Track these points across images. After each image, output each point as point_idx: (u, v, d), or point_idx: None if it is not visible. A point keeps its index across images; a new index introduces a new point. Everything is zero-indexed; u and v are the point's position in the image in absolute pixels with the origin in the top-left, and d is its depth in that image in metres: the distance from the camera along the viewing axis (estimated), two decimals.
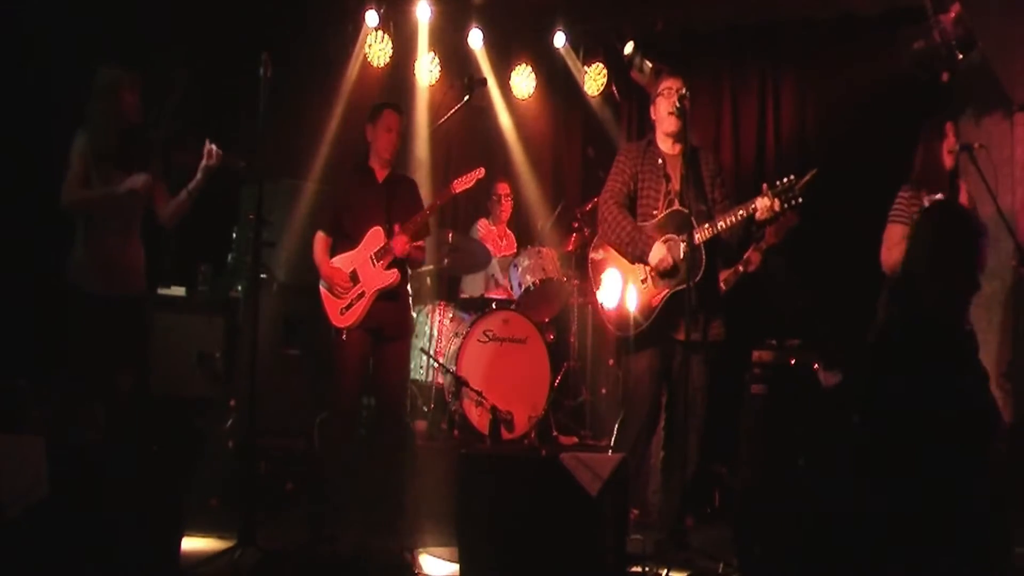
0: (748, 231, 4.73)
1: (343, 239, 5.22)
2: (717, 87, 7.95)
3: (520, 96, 8.44)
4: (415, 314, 6.65)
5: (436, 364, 6.48)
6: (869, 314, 5.56)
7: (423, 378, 6.61)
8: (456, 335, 6.55)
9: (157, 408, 5.75)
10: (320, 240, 5.24)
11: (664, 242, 4.73)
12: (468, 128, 8.11)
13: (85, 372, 4.64)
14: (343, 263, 5.17)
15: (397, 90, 7.70)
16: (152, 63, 4.77)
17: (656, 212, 4.81)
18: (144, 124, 4.62)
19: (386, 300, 5.15)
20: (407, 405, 5.79)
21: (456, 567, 4.29)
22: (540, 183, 8.41)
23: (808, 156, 7.49)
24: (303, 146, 7.06)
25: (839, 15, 7.27)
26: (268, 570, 4.20)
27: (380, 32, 7.67)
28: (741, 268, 5.95)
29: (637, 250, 4.73)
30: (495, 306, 6.74)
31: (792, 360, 6.27)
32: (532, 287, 6.75)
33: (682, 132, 4.73)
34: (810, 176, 4.52)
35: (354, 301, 5.13)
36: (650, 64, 7.65)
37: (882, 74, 6.94)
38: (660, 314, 4.74)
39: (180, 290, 6.27)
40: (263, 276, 5.92)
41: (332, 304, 5.16)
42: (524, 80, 8.41)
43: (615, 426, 5.18)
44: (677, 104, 4.68)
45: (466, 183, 5.30)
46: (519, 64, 8.39)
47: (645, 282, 4.78)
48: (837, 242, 6.70)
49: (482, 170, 5.39)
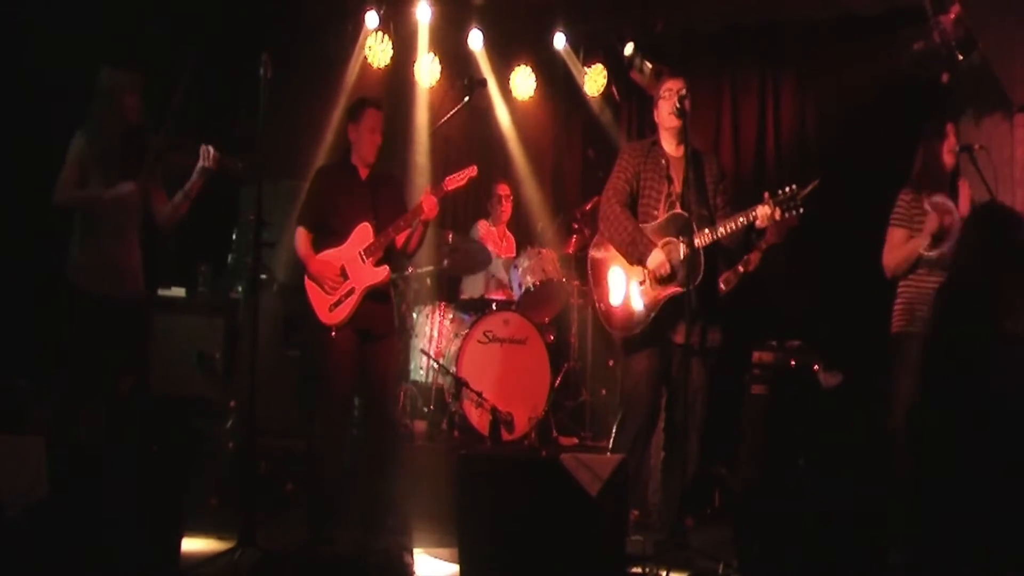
0: (748, 237, 4.73)
1: (327, 235, 5.11)
2: (717, 87, 7.95)
3: (520, 97, 8.44)
4: (415, 315, 6.66)
5: (436, 365, 6.48)
6: (869, 315, 5.57)
7: (423, 379, 6.61)
8: (456, 336, 6.54)
9: (157, 408, 5.76)
10: (302, 235, 5.11)
11: (663, 246, 4.73)
12: (468, 129, 8.12)
13: (85, 373, 4.64)
14: (331, 259, 5.07)
15: (397, 91, 7.70)
16: (152, 63, 4.75)
17: (657, 213, 4.81)
18: (143, 127, 4.61)
19: (374, 298, 5.10)
20: (396, 403, 5.75)
21: (456, 567, 4.29)
22: (540, 184, 8.41)
23: (808, 157, 7.50)
24: (303, 147, 7.06)
25: (839, 15, 7.27)
26: (268, 570, 4.20)
27: (380, 33, 7.67)
28: (741, 268, 5.95)
29: (637, 252, 4.74)
30: (495, 307, 6.74)
31: (792, 361, 6.27)
32: (532, 288, 6.75)
33: (684, 133, 4.73)
34: (812, 186, 4.51)
35: (343, 298, 5.03)
36: (650, 65, 7.65)
37: (882, 74, 6.95)
38: (658, 316, 4.74)
39: (180, 291, 6.27)
40: (263, 277, 5.90)
41: (320, 300, 5.06)
42: (524, 81, 8.41)
43: (614, 427, 5.18)
44: (678, 105, 4.68)
45: (458, 181, 5.22)
46: (519, 65, 8.39)
47: (643, 284, 4.78)
48: (837, 243, 6.70)
49: (474, 168, 5.30)
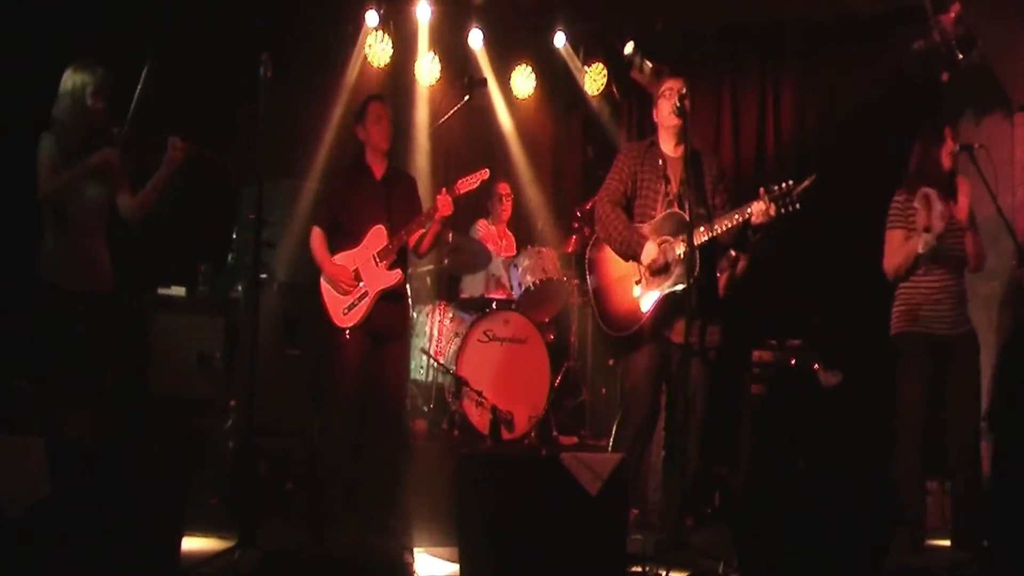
0: (743, 236, 4.70)
1: (341, 237, 5.18)
2: (717, 87, 7.95)
3: (520, 96, 8.44)
4: (415, 314, 6.65)
5: (436, 364, 6.48)
6: (869, 315, 5.57)
7: (423, 378, 6.61)
8: (456, 335, 6.54)
9: (157, 408, 5.78)
10: (318, 236, 5.18)
11: (659, 244, 4.72)
12: (468, 128, 8.12)
13: (65, 369, 4.65)
14: (345, 262, 5.14)
15: (397, 90, 7.70)
16: (124, 62, 4.75)
17: (654, 213, 4.81)
18: (108, 126, 4.65)
19: (388, 300, 5.13)
20: (406, 405, 5.77)
21: (456, 567, 4.29)
22: (540, 183, 8.41)
23: (808, 156, 7.50)
24: (303, 146, 7.06)
25: (839, 15, 7.27)
26: (268, 570, 4.20)
27: (380, 32, 7.67)
28: (729, 269, 5.88)
29: (630, 248, 4.74)
30: (495, 306, 6.74)
31: (792, 360, 6.27)
32: (532, 287, 6.75)
33: (683, 132, 4.73)
34: (809, 182, 4.48)
35: (357, 301, 5.10)
36: (650, 64, 7.65)
37: (882, 74, 6.95)
38: (655, 315, 4.73)
39: (180, 290, 6.27)
40: (263, 276, 5.91)
41: (335, 303, 5.13)
42: (524, 80, 8.41)
43: (614, 426, 5.18)
44: (677, 104, 4.67)
45: (470, 184, 5.25)
46: (519, 64, 8.39)
47: (639, 282, 4.78)
48: (837, 242, 6.70)
49: (486, 171, 5.33)
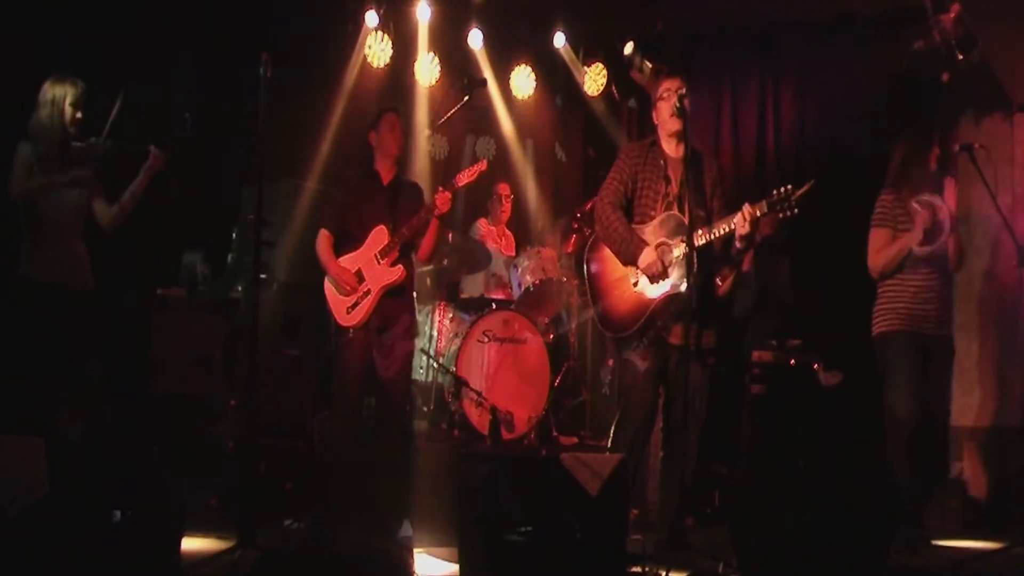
0: (726, 249, 4.67)
1: (347, 239, 5.24)
2: (717, 87, 7.95)
3: (520, 96, 8.44)
4: (417, 314, 6.66)
5: (436, 364, 6.48)
6: (868, 314, 5.58)
7: (423, 378, 6.61)
8: (456, 335, 6.54)
9: (156, 408, 5.78)
10: (324, 238, 5.24)
11: (657, 247, 4.71)
12: (468, 128, 8.13)
13: (47, 367, 4.67)
14: (348, 264, 5.19)
15: (397, 90, 7.70)
16: (125, 92, 4.80)
17: (654, 213, 4.79)
18: (81, 135, 4.77)
19: (391, 297, 5.17)
20: (409, 405, 5.77)
21: (456, 567, 4.29)
22: (540, 184, 8.42)
23: (808, 157, 7.50)
24: (303, 146, 7.06)
25: (839, 15, 7.27)
26: (268, 570, 4.19)
27: (380, 32, 7.67)
28: (719, 282, 5.82)
29: (628, 252, 4.73)
30: (495, 306, 6.74)
31: (792, 360, 6.28)
32: (532, 287, 6.75)
33: (683, 133, 4.72)
34: (808, 187, 4.44)
35: (360, 300, 5.14)
36: (650, 64, 7.65)
37: (882, 74, 6.95)
38: (652, 317, 4.73)
39: (180, 290, 6.27)
40: (263, 276, 5.91)
41: (338, 303, 5.17)
42: (524, 80, 8.42)
43: (612, 426, 5.18)
44: (677, 105, 4.67)
45: (469, 176, 5.28)
46: (519, 64, 8.39)
47: (637, 284, 4.77)
48: (835, 243, 6.71)
49: (484, 163, 5.38)
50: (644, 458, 5.11)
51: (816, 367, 6.15)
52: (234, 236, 6.47)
